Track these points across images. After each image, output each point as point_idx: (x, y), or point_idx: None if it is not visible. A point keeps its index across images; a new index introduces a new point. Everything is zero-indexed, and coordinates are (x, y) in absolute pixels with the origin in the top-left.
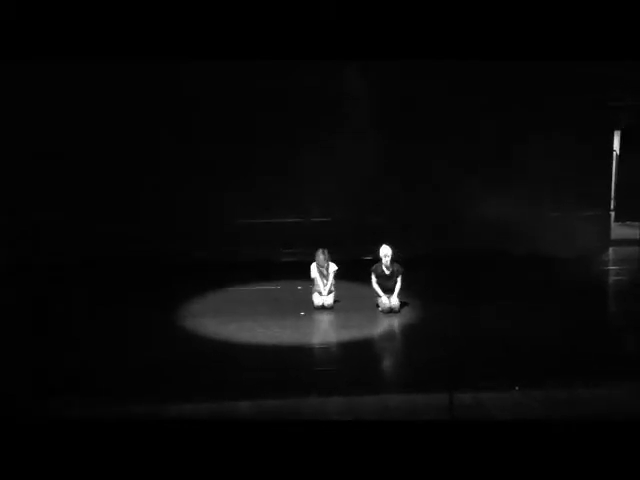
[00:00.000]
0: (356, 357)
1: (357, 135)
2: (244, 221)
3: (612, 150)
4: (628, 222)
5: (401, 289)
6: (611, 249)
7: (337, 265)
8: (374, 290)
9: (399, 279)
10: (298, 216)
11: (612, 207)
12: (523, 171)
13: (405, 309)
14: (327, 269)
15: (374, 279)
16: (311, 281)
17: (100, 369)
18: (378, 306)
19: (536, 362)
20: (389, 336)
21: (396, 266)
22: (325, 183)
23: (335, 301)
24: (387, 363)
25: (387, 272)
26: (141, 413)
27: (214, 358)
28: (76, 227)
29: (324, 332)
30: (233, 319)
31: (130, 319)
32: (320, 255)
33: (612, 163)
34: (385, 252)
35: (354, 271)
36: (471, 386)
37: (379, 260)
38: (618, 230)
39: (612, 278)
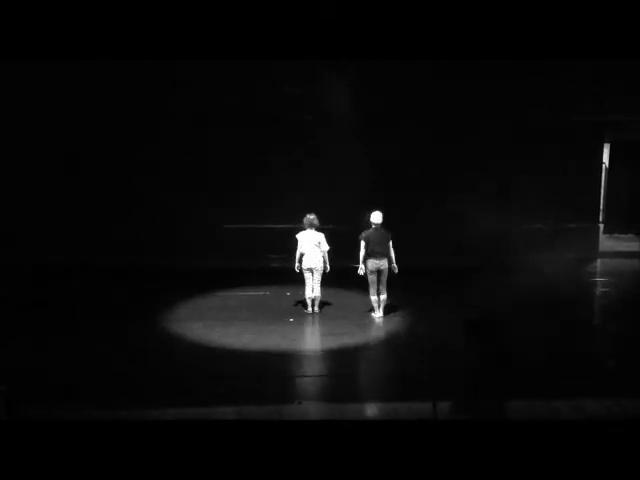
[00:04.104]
0: (343, 365)
1: (348, 144)
2: (234, 227)
3: (601, 163)
4: (616, 234)
5: (388, 298)
6: (599, 260)
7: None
8: (360, 257)
9: (390, 244)
10: (288, 222)
11: (601, 219)
12: (513, 183)
13: (393, 319)
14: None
15: (363, 244)
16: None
17: (86, 375)
18: (372, 311)
19: (518, 375)
20: (376, 344)
21: (384, 230)
22: (316, 191)
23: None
24: (373, 372)
25: (378, 236)
26: (124, 418)
27: (197, 363)
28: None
29: (311, 339)
30: (219, 324)
31: (117, 325)
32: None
33: (601, 176)
34: (377, 219)
35: (344, 278)
36: (455, 397)
37: (369, 227)
38: (607, 242)
39: (598, 290)
